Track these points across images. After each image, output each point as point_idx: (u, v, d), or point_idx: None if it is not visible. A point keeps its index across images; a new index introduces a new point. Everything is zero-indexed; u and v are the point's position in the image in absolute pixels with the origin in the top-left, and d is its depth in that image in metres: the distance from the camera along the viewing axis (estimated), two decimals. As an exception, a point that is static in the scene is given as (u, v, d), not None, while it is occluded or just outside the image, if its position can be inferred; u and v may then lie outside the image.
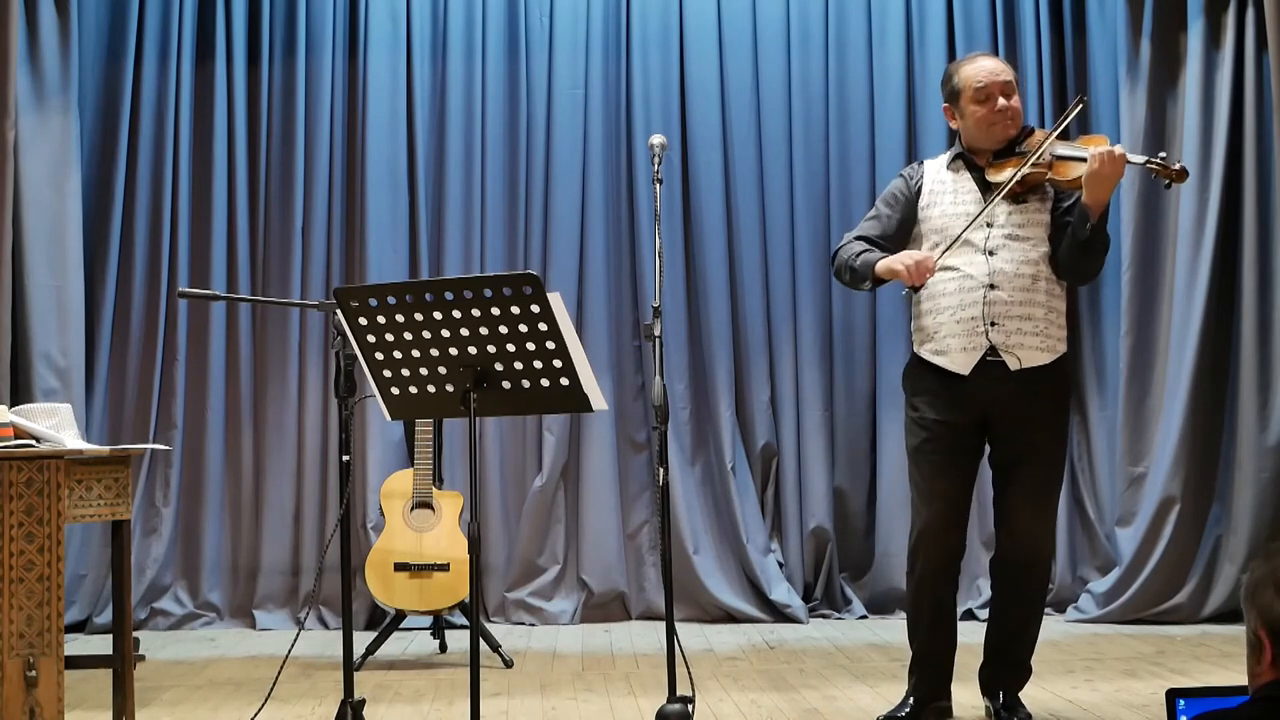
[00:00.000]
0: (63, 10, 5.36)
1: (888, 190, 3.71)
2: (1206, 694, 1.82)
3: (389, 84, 5.71)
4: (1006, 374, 3.45)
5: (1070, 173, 3.41)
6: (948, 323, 3.47)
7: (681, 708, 3.36)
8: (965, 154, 3.58)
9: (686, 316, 5.76)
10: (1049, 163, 3.43)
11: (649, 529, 5.72)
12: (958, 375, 3.47)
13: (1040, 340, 3.46)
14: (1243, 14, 5.36)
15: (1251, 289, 5.31)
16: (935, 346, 3.51)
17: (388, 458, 5.54)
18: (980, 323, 3.44)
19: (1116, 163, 3.33)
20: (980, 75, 3.52)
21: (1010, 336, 3.44)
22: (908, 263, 3.39)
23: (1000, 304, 3.43)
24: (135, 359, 5.58)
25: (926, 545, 3.53)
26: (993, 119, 3.50)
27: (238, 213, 5.65)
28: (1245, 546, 5.23)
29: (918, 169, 3.68)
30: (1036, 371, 3.46)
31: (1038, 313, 3.46)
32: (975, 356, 3.45)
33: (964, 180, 3.55)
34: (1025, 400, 3.46)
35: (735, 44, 5.81)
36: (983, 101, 3.50)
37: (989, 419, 3.50)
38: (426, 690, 4.28)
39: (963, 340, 3.46)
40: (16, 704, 3.18)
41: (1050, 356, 3.49)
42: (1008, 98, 3.50)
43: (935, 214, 3.54)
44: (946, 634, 3.59)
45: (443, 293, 2.87)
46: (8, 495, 3.21)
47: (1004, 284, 3.43)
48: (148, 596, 5.48)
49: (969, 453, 3.54)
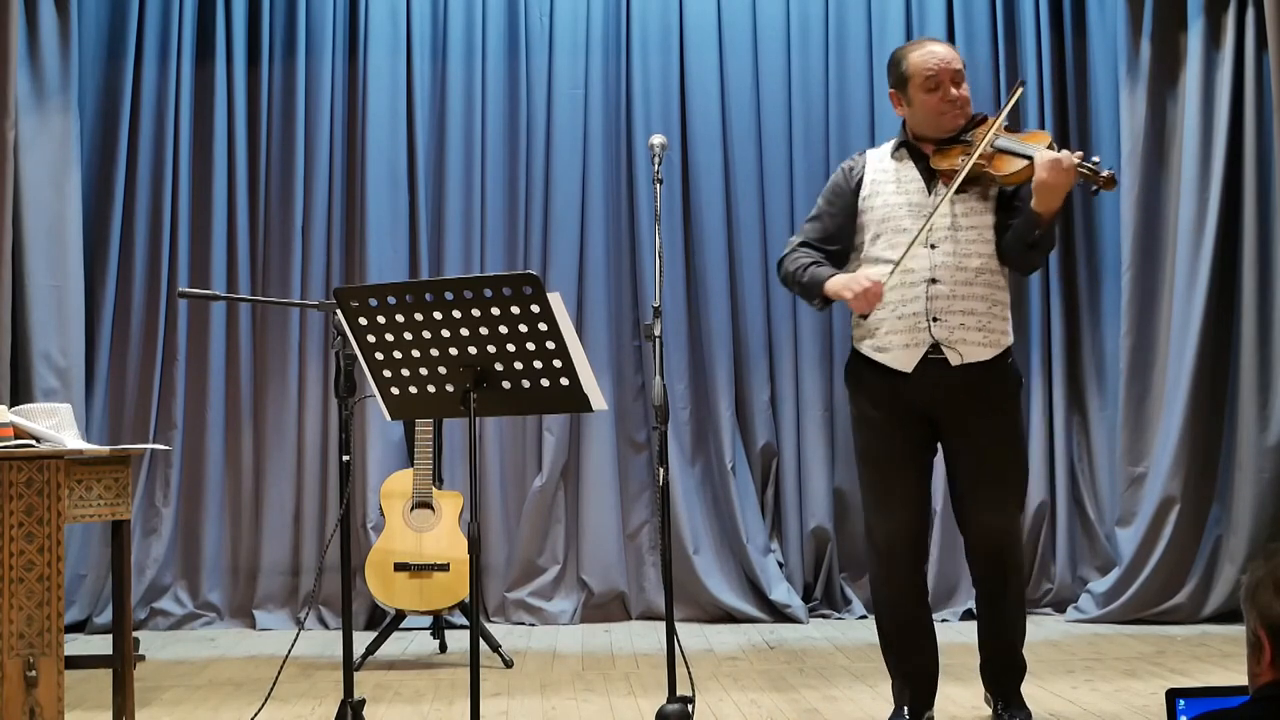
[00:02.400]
0: (63, 10, 5.36)
1: (828, 185, 3.60)
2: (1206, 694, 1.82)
3: (389, 84, 5.71)
4: (949, 370, 3.36)
5: (1008, 168, 3.32)
6: (889, 319, 3.38)
7: (681, 708, 3.36)
8: (910, 142, 3.49)
9: (686, 316, 5.76)
10: (990, 154, 3.33)
11: (649, 529, 5.72)
12: (900, 373, 3.39)
13: (983, 335, 3.36)
14: (1243, 14, 5.36)
15: (1251, 289, 5.31)
16: (876, 343, 3.42)
17: (388, 458, 5.54)
18: (923, 318, 3.35)
19: (1068, 174, 3.23)
20: (931, 62, 3.40)
21: (953, 332, 3.34)
22: (856, 289, 3.28)
23: (942, 299, 3.34)
24: (135, 359, 5.58)
25: (892, 564, 3.46)
26: (942, 108, 3.40)
27: (238, 213, 5.66)
28: (1245, 546, 5.22)
29: (859, 159, 3.57)
30: (980, 366, 3.37)
31: (980, 306, 3.36)
32: (918, 354, 3.36)
33: (907, 169, 3.46)
34: (970, 396, 3.37)
35: (735, 44, 5.81)
36: (933, 90, 3.39)
37: (935, 416, 3.43)
38: (426, 690, 4.28)
39: (904, 337, 3.37)
40: (16, 704, 3.18)
41: (993, 351, 3.38)
42: (957, 86, 3.40)
43: (878, 204, 3.45)
44: (921, 648, 3.51)
45: (443, 293, 2.87)
46: (8, 495, 3.21)
47: (945, 278, 3.35)
48: (148, 596, 5.48)
49: (920, 450, 3.46)
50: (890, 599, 3.52)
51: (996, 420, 3.43)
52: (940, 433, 3.47)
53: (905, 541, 3.45)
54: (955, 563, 5.33)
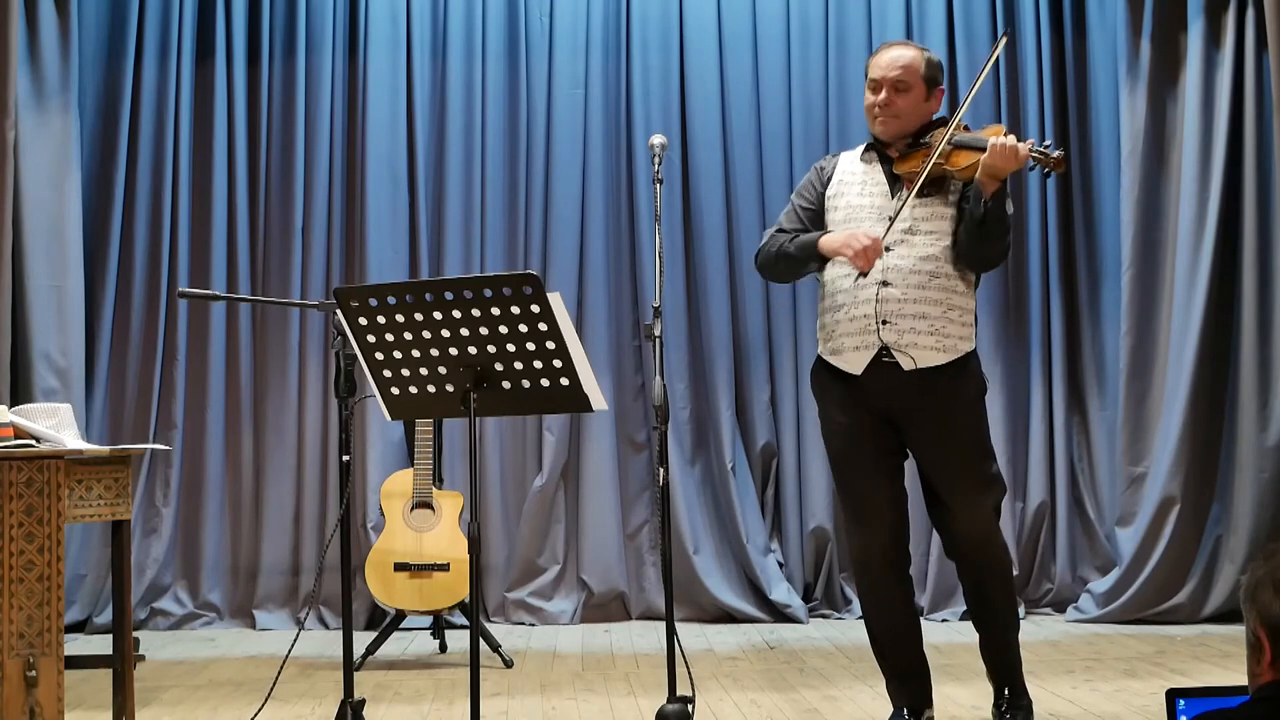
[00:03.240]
0: (63, 10, 5.36)
1: (801, 182, 3.62)
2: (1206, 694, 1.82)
3: (389, 84, 5.71)
4: (902, 375, 3.33)
5: (963, 161, 3.31)
6: (842, 321, 3.37)
7: (681, 708, 3.36)
8: (876, 144, 3.50)
9: (686, 316, 5.76)
10: (948, 152, 3.33)
11: (649, 529, 5.72)
12: (856, 377, 3.38)
13: (936, 340, 3.32)
14: (1243, 14, 5.36)
15: (1251, 289, 5.31)
16: (832, 346, 3.41)
17: (388, 458, 5.54)
18: (872, 321, 3.32)
19: (1012, 156, 3.21)
20: (878, 66, 3.45)
21: (903, 335, 3.31)
22: (856, 247, 3.25)
23: (893, 302, 3.32)
24: (135, 359, 5.58)
25: (873, 571, 3.45)
26: (873, 111, 3.45)
27: (238, 213, 5.66)
28: (1245, 546, 5.22)
29: (832, 160, 3.59)
30: (935, 371, 3.34)
31: (933, 311, 3.32)
32: (867, 356, 3.34)
33: (874, 172, 3.46)
34: (926, 403, 3.35)
35: (735, 44, 5.81)
36: (871, 90, 3.46)
37: (894, 420, 3.41)
38: (426, 690, 4.28)
39: (855, 340, 3.35)
40: (16, 704, 3.18)
41: (948, 356, 3.33)
42: (895, 92, 3.40)
43: (841, 204, 3.46)
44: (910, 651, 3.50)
45: (443, 293, 2.87)
46: (8, 495, 3.21)
47: (897, 281, 3.32)
48: (148, 596, 5.48)
49: (888, 453, 3.43)
50: (874, 606, 3.51)
51: (956, 425, 3.39)
52: (904, 437, 3.44)
53: (882, 550, 3.44)
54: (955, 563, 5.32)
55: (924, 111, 3.46)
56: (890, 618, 3.50)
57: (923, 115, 3.46)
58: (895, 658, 3.51)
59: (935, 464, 3.42)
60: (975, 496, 3.41)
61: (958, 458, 3.39)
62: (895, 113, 3.42)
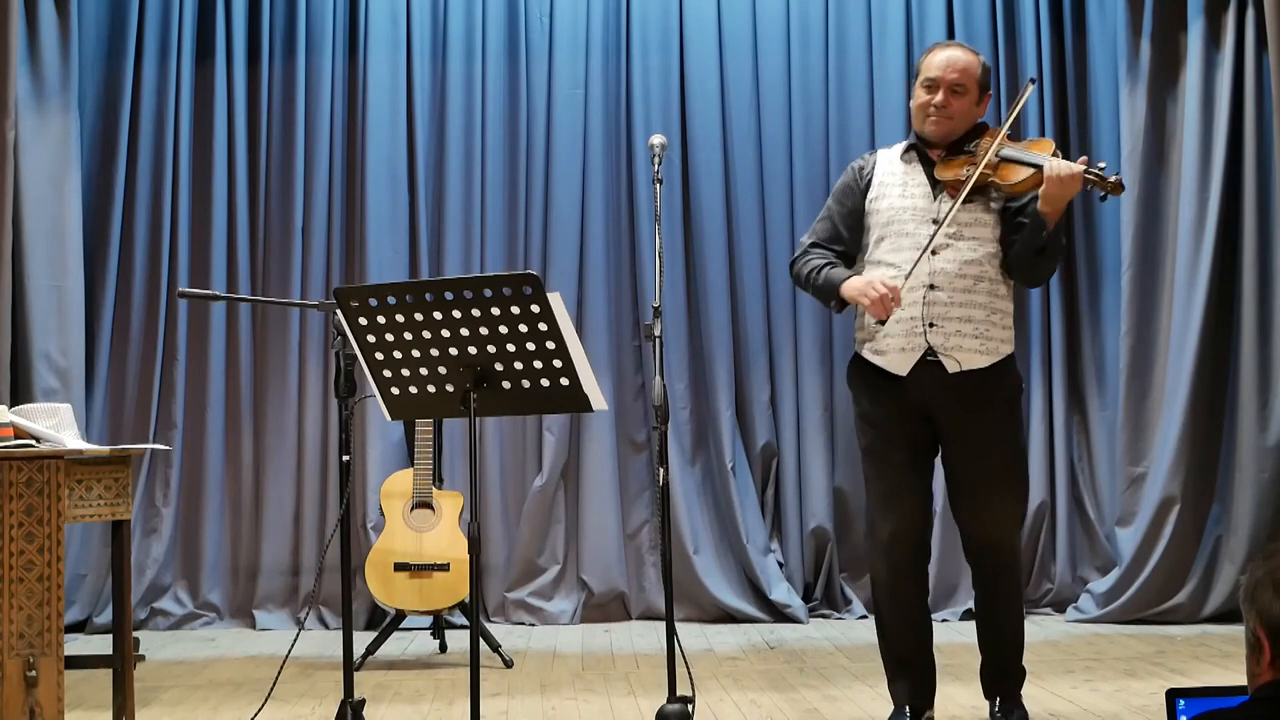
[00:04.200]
0: (63, 10, 5.36)
1: (838, 185, 3.64)
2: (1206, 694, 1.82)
3: (389, 84, 5.71)
4: (946, 376, 3.38)
5: (1013, 176, 3.35)
6: (888, 322, 3.40)
7: (681, 708, 3.36)
8: (919, 145, 3.53)
9: (686, 316, 5.76)
10: (994, 164, 3.37)
11: (649, 529, 5.72)
12: (897, 375, 3.42)
13: (980, 343, 3.38)
14: (1243, 14, 5.36)
15: (1251, 289, 5.31)
16: (875, 346, 3.45)
17: (388, 458, 5.54)
18: (919, 323, 3.37)
19: (1072, 181, 3.28)
20: (934, 65, 3.48)
21: (949, 338, 3.37)
22: (873, 296, 3.30)
23: (940, 305, 3.37)
24: (135, 359, 5.58)
25: (891, 560, 3.46)
26: (927, 110, 3.47)
27: (238, 213, 5.66)
28: (1245, 546, 5.22)
29: (870, 159, 3.61)
30: (977, 374, 3.39)
31: (978, 314, 3.38)
32: (913, 357, 3.39)
33: (915, 173, 3.49)
34: (967, 402, 3.39)
35: (735, 44, 5.81)
36: (926, 89, 3.48)
37: (932, 419, 3.45)
38: (426, 690, 4.28)
39: (900, 340, 3.40)
40: (16, 704, 3.18)
41: (991, 359, 3.40)
42: (952, 94, 3.44)
43: (883, 206, 3.48)
44: (920, 646, 3.52)
45: (443, 293, 2.87)
46: (8, 495, 3.21)
47: (944, 284, 3.37)
48: (148, 596, 5.48)
49: (921, 447, 3.47)
50: (889, 594, 3.51)
51: (994, 425, 3.43)
52: (939, 436, 3.48)
53: (906, 538, 3.45)
54: (955, 563, 5.32)
55: (973, 115, 3.51)
56: (904, 607, 3.50)
57: (971, 119, 3.51)
58: (904, 650, 3.52)
59: (968, 462, 3.44)
60: (1003, 498, 3.46)
61: (992, 457, 3.43)
62: (950, 114, 3.46)
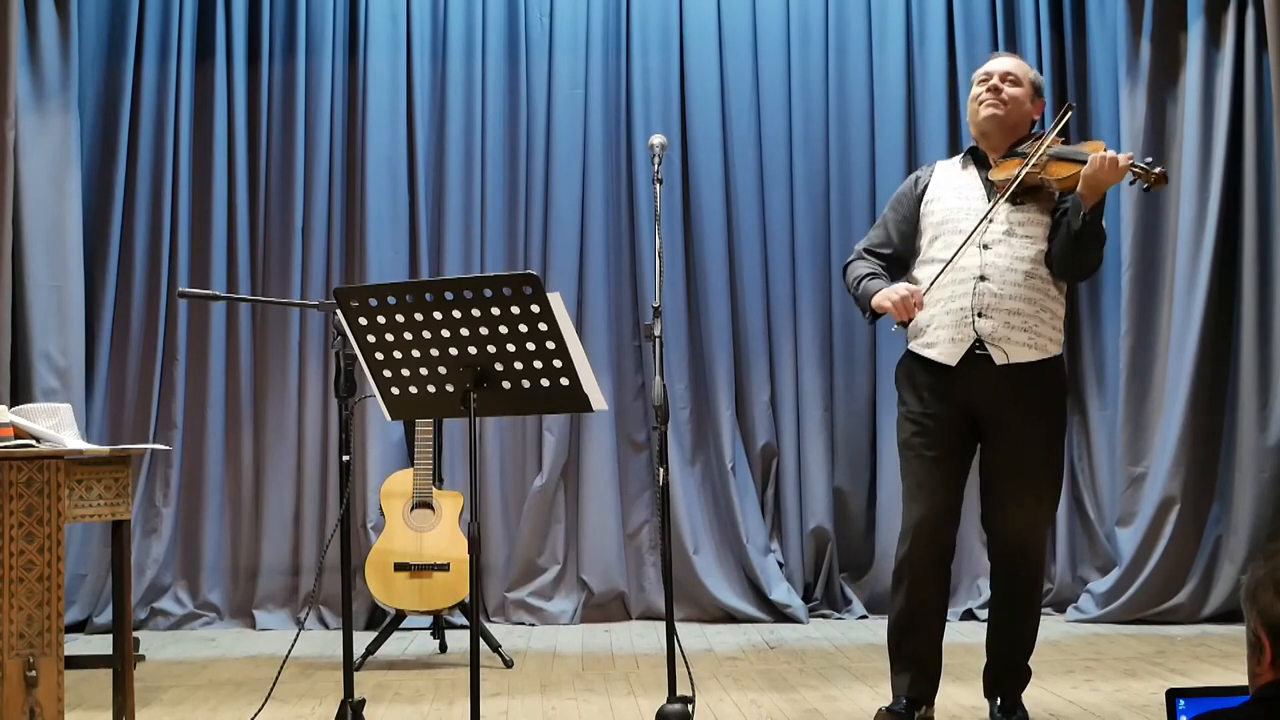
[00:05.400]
0: (63, 10, 5.36)
1: (896, 192, 3.76)
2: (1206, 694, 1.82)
3: (389, 84, 5.71)
4: (994, 369, 3.42)
5: (1062, 172, 3.42)
6: (939, 314, 3.46)
7: (681, 708, 3.36)
8: (975, 150, 3.61)
9: (686, 316, 5.76)
10: (1044, 163, 3.45)
11: (649, 529, 5.72)
12: (946, 368, 3.45)
13: (1028, 337, 3.43)
14: (1243, 14, 5.36)
15: (1251, 289, 5.32)
16: (926, 339, 3.50)
17: (388, 458, 5.54)
18: (969, 313, 3.42)
19: (1113, 168, 3.31)
20: (986, 67, 3.61)
21: (997, 329, 3.41)
22: (894, 299, 3.40)
23: (989, 295, 3.42)
24: (135, 359, 5.58)
25: (914, 545, 3.48)
26: (981, 96, 3.54)
27: (238, 213, 5.66)
28: (1245, 546, 5.23)
29: (928, 170, 3.71)
30: (1025, 369, 3.43)
31: (1027, 309, 3.43)
32: (963, 347, 3.43)
33: (970, 177, 3.58)
34: (1013, 398, 3.43)
35: (735, 44, 5.81)
36: (980, 84, 3.57)
37: (977, 416, 3.48)
38: (426, 690, 4.28)
39: (951, 331, 3.45)
40: (16, 704, 3.18)
41: (1038, 355, 3.45)
42: (1005, 82, 3.52)
43: (938, 208, 3.56)
44: (929, 638, 3.53)
45: (443, 293, 2.87)
46: (8, 495, 3.21)
47: (995, 277, 3.43)
48: (148, 596, 5.48)
49: (959, 448, 3.51)
50: (908, 580, 3.50)
51: (1037, 423, 3.47)
52: (981, 433, 3.51)
53: (930, 525, 3.47)
54: (957, 563, 5.28)
55: (1027, 112, 3.58)
56: (921, 594, 3.50)
57: (1026, 115, 3.58)
58: (914, 640, 3.52)
59: (1007, 459, 3.47)
60: (1038, 497, 3.49)
61: (1032, 455, 3.46)
62: (1004, 99, 3.52)
